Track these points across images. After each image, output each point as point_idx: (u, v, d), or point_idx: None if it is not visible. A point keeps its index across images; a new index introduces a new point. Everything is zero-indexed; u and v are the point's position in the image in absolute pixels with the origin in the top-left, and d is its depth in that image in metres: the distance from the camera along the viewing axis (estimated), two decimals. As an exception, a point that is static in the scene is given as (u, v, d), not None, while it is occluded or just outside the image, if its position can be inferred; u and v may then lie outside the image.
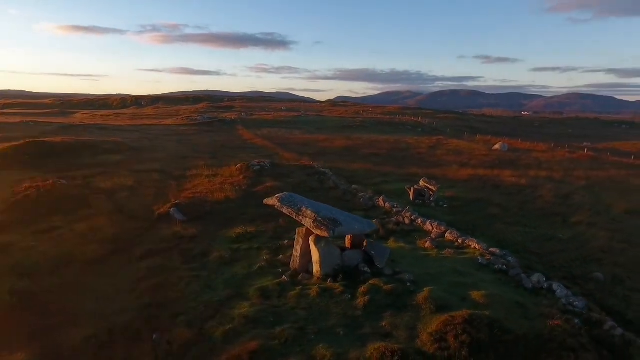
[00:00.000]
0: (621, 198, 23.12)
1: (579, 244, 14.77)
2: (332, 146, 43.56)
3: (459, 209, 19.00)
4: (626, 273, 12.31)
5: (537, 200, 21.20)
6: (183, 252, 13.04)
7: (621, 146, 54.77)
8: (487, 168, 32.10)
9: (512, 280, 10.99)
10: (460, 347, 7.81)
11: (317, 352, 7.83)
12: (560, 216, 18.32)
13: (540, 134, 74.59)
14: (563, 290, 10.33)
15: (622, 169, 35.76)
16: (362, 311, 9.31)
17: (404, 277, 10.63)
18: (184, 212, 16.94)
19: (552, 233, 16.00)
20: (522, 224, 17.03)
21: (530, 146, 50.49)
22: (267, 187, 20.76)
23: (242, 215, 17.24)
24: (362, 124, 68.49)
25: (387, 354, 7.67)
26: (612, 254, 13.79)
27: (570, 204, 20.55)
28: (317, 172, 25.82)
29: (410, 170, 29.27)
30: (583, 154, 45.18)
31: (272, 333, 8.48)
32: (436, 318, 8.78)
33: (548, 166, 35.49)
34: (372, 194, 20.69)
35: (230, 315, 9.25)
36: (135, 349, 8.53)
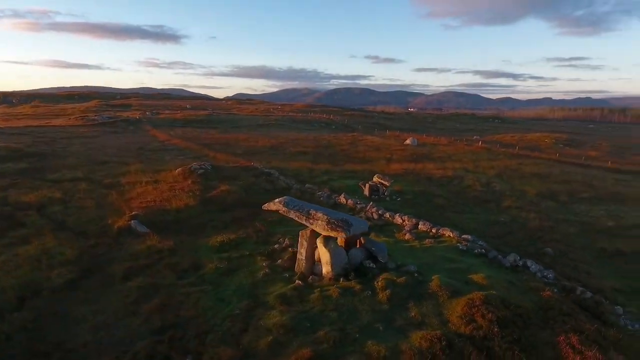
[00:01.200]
0: (526, 184, 27.38)
1: (519, 225, 17.32)
2: (258, 145, 43.06)
3: (411, 201, 20.64)
4: (565, 247, 14.91)
5: (467, 189, 24.01)
6: (170, 267, 12.05)
7: (502, 138, 63.93)
8: (411, 162, 35.05)
9: (493, 262, 12.57)
10: (489, 324, 8.81)
11: (371, 349, 8.13)
12: (493, 202, 21.12)
13: (434, 129, 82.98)
14: (535, 265, 12.19)
15: (513, 158, 42.00)
16: (387, 305, 9.82)
17: (409, 268, 11.43)
18: (145, 223, 15.50)
19: (495, 218, 18.44)
20: (467, 212, 19.24)
21: (435, 140, 56.12)
22: (222, 192, 19.96)
23: (211, 222, 16.43)
24: (277, 122, 68.56)
25: (434, 340, 8.32)
26: (547, 232, 16.51)
27: (493, 191, 23.73)
28: (262, 172, 25.48)
29: (346, 166, 30.57)
30: (478, 146, 51.75)
31: (317, 338, 8.53)
32: (456, 302, 9.72)
33: (457, 158, 40.01)
34: (329, 192, 21.27)
35: (264, 326, 8.99)
36: (173, 376, 7.84)
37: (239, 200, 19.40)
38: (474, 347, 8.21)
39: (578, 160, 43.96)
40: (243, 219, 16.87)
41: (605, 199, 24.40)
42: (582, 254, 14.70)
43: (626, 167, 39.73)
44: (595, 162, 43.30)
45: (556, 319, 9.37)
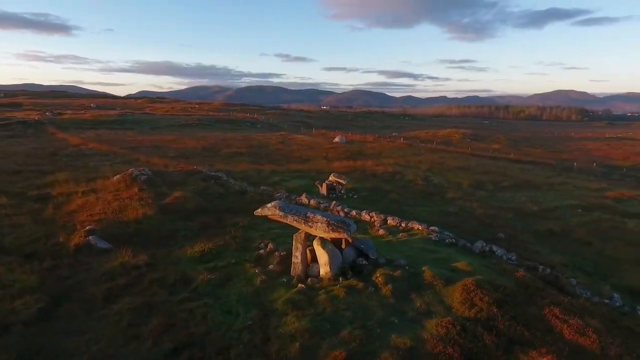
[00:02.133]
0: (456, 176, 30.22)
1: (467, 214, 19.21)
2: (189, 147, 41.16)
3: (367, 198, 21.58)
4: (511, 231, 16.97)
5: (411, 184, 25.79)
6: (156, 284, 11.18)
7: (418, 135, 69.23)
8: (348, 159, 36.36)
9: (465, 249, 13.88)
10: (489, 306, 9.85)
11: (397, 342, 8.58)
12: (437, 195, 23.02)
13: (355, 127, 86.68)
14: (500, 250, 13.75)
15: (435, 153, 45.86)
16: (393, 299, 10.36)
17: (400, 262, 12.12)
18: (105, 238, 14.07)
19: (445, 209, 20.17)
20: (419, 205, 20.75)
21: (361, 138, 58.69)
22: (177, 199, 18.84)
23: (177, 232, 15.47)
24: (200, 122, 65.77)
25: (449, 326, 9.07)
26: (492, 219, 18.59)
27: (434, 185, 25.84)
28: (210, 176, 24.49)
29: (290, 166, 30.74)
30: (400, 142, 55.42)
31: (343, 338, 8.74)
32: (452, 289, 10.64)
33: (387, 154, 42.47)
34: (286, 192, 21.27)
35: (286, 333, 8.93)
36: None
37: (199, 206, 18.50)
38: (483, 328, 9.12)
39: (486, 153, 49.50)
40: (211, 226, 16.20)
41: (521, 187, 28.05)
42: (526, 236, 16.90)
43: (526, 158, 45.88)
44: (500, 154, 49.19)
45: (535, 295, 10.78)
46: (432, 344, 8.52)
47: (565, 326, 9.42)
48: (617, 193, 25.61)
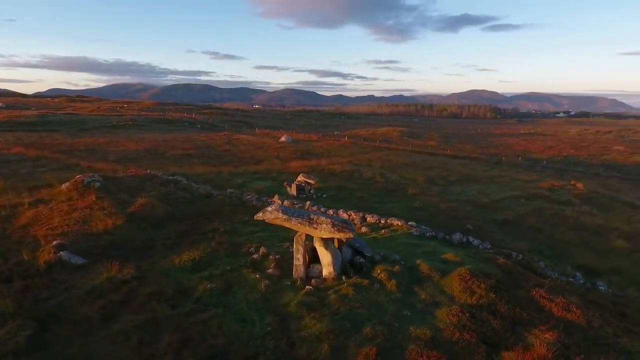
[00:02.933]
0: (408, 172, 31.83)
1: (433, 208, 20.43)
2: (129, 150, 38.66)
3: (335, 196, 21.98)
4: (475, 222, 18.39)
5: (371, 181, 26.69)
6: (153, 298, 10.48)
7: (359, 133, 71.43)
8: (302, 159, 36.62)
9: (445, 242, 14.83)
10: (486, 292, 10.72)
11: (418, 333, 9.04)
12: (399, 191, 24.12)
13: (296, 125, 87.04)
14: (476, 241, 14.90)
15: (380, 150, 47.72)
16: (399, 293, 10.83)
17: (394, 258, 12.65)
18: (77, 252, 12.85)
19: (410, 204, 21.24)
20: (386, 201, 21.61)
21: (306, 137, 59.14)
22: (143, 206, 17.69)
23: (153, 241, 14.57)
24: (134, 123, 61.70)
25: (459, 314, 9.75)
26: (456, 212, 19.98)
27: (392, 181, 26.99)
28: (168, 180, 23.28)
29: (248, 168, 30.23)
30: (345, 141, 56.80)
31: (367, 335, 8.98)
32: (449, 280, 11.39)
33: (337, 153, 43.40)
34: (256, 195, 20.93)
35: (309, 335, 8.95)
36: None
37: (168, 213, 17.56)
38: (487, 313, 9.94)
39: (425, 149, 52.60)
40: (189, 233, 15.51)
41: (466, 181, 30.36)
42: (488, 226, 18.43)
43: (461, 154, 49.53)
44: (437, 150, 52.54)
45: (520, 279, 11.93)
46: (449, 332, 9.11)
47: (553, 305, 10.58)
48: (549, 183, 28.84)
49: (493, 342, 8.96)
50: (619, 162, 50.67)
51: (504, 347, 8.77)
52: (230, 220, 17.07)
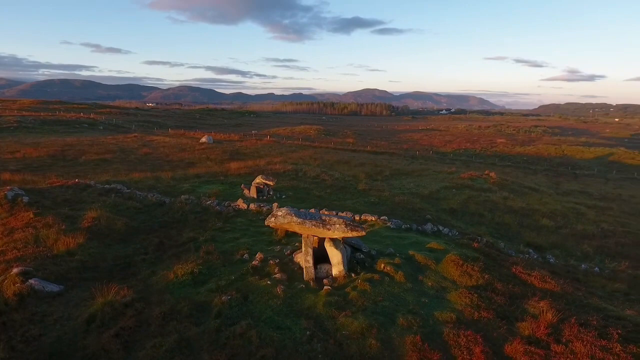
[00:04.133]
0: (346, 169, 33.10)
1: (392, 203, 21.78)
2: (31, 156, 33.77)
3: (294, 197, 22.05)
4: (433, 213, 20.16)
5: (318, 179, 27.23)
6: (169, 319, 9.68)
7: (277, 132, 71.46)
8: (237, 160, 35.73)
9: (421, 232, 16.08)
10: (480, 274, 12.09)
11: (445, 317, 9.91)
12: (349, 188, 25.12)
13: (208, 125, 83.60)
14: (445, 229, 16.45)
15: (306, 149, 48.59)
16: (410, 283, 11.62)
17: (389, 251, 13.43)
18: (47, 279, 11.12)
19: (367, 200, 22.34)
20: (342, 198, 22.39)
21: (226, 137, 57.35)
22: (95, 220, 15.82)
23: (129, 258, 13.22)
24: (19, 125, 53.27)
25: (469, 295, 10.89)
26: (410, 204, 21.59)
27: (338, 179, 27.91)
28: (106, 190, 21.02)
29: (188, 171, 28.59)
30: (268, 140, 56.51)
31: (403, 325, 9.54)
32: (445, 266, 12.56)
33: (266, 152, 43.14)
34: (215, 199, 20.02)
35: (352, 333, 9.21)
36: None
37: (129, 226, 15.97)
38: (489, 292, 11.27)
39: (347, 146, 54.94)
40: (166, 245, 14.36)
41: (399, 174, 32.77)
42: (441, 215, 20.36)
43: (380, 150, 52.88)
44: (358, 147, 55.28)
45: (496, 259, 13.63)
46: (469, 312, 10.16)
47: (532, 278, 12.37)
48: (468, 174, 32.62)
49: (504, 315, 10.24)
50: (506, 153, 59.12)
51: (515, 319, 10.10)
52: (203, 228, 16.19)
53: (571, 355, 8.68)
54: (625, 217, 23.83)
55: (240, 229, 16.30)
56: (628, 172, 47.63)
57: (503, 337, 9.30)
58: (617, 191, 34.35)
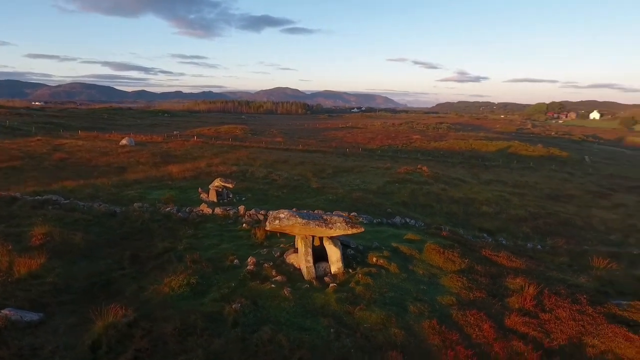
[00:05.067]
0: (290, 168, 33.27)
1: (350, 199, 22.51)
2: None
3: (254, 198, 21.66)
4: (390, 206, 21.31)
5: (269, 179, 27.00)
6: (185, 334, 9.16)
7: (202, 132, 68.45)
8: (172, 163, 33.81)
9: (392, 225, 17.01)
10: (460, 259, 13.32)
11: (447, 301, 10.84)
12: (302, 187, 25.35)
13: (121, 125, 76.92)
14: (412, 221, 17.63)
15: (240, 149, 47.60)
16: (404, 273, 12.35)
17: (374, 245, 14.09)
18: (20, 307, 9.69)
19: (325, 197, 22.81)
20: (303, 198, 22.60)
21: (148, 139, 53.50)
22: (47, 236, 13.96)
23: (103, 275, 12.00)
24: None
25: (460, 279, 12.01)
26: (367, 199, 22.56)
27: (288, 178, 27.94)
28: (42, 201, 18.55)
29: (126, 177, 26.37)
30: (196, 141, 54.08)
31: (414, 312, 10.26)
32: (428, 254, 13.62)
33: (199, 154, 41.46)
34: (175, 206, 18.84)
35: (374, 326, 9.61)
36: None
37: (88, 241, 14.39)
38: (473, 274, 12.52)
39: (278, 146, 54.89)
40: (142, 258, 13.29)
41: (341, 172, 33.86)
42: (397, 207, 21.68)
43: (312, 148, 53.76)
44: (290, 146, 55.56)
45: (469, 245, 15.07)
46: (465, 294, 11.24)
47: (500, 259, 13.98)
48: (404, 169, 34.90)
49: (494, 294, 11.51)
50: (424, 148, 64.16)
51: (503, 296, 11.41)
52: (174, 237, 15.26)
53: (557, 321, 10.13)
54: (540, 200, 27.76)
55: (215, 234, 15.70)
56: (525, 162, 55.08)
57: (500, 313, 10.48)
58: (524, 179, 39.68)
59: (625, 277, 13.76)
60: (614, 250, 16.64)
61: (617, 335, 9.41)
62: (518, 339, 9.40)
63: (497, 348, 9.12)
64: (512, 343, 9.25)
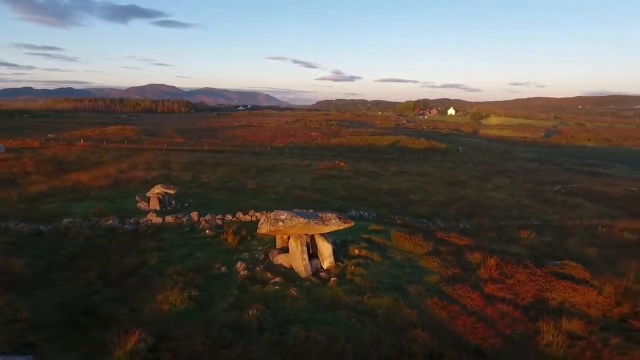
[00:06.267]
0: (211, 171, 32.05)
1: (293, 197, 22.84)
2: None
3: (196, 203, 20.51)
4: (335, 201, 22.30)
5: (199, 182, 25.75)
6: (216, 346, 8.79)
7: (85, 134, 60.43)
8: (70, 172, 29.86)
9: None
10: (425, 242, 15.00)
11: (433, 279, 12.30)
12: (240, 189, 24.82)
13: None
14: (365, 213, 18.91)
15: (141, 152, 43.81)
16: (387, 260, 13.48)
17: (349, 238, 14.91)
18: (5, 352, 8.09)
19: (269, 197, 22.76)
20: (247, 199, 22.19)
21: (21, 143, 45.54)
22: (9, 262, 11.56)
23: (78, 303, 10.51)
24: None
25: (434, 260, 13.60)
26: (309, 196, 23.18)
27: (220, 181, 26.99)
28: None
29: (28, 190, 22.37)
30: (83, 145, 47.94)
31: (414, 293, 11.41)
32: (397, 241, 15.06)
33: (98, 159, 37.16)
34: (115, 218, 16.88)
35: (388, 309, 10.47)
36: None
37: (34, 266, 12.27)
38: (442, 254, 14.25)
39: (182, 147, 51.87)
40: (111, 277, 11.92)
41: (266, 171, 33.82)
42: (339, 202, 22.85)
43: (220, 148, 52.00)
44: (195, 147, 52.91)
45: (422, 230, 16.89)
46: (444, 272, 12.86)
47: (452, 239, 16.09)
48: (324, 165, 36.32)
49: (465, 268, 13.35)
50: (326, 145, 67.07)
51: (471, 269, 13.32)
52: (136, 251, 13.92)
53: (520, 283, 12.32)
54: (445, 187, 31.88)
55: (180, 244, 14.75)
56: (415, 154, 61.81)
57: (477, 283, 12.29)
58: (421, 169, 44.75)
59: (540, 243, 17.07)
60: (520, 223, 20.42)
61: (566, 288, 11.91)
62: (500, 302, 11.24)
63: (489, 312, 10.80)
64: (498, 306, 11.04)
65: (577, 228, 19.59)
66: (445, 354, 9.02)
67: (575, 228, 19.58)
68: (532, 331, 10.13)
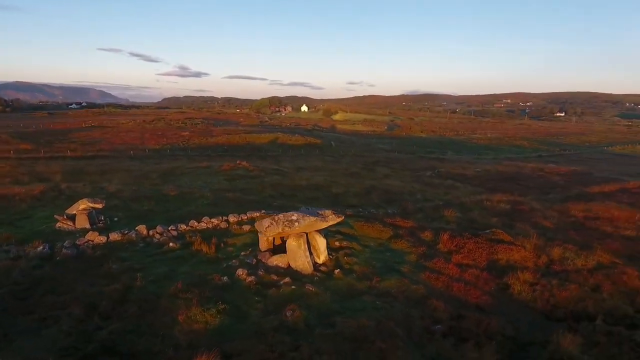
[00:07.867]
0: (96, 179, 28.36)
1: (226, 200, 22.03)
2: None
3: (132, 215, 18.23)
4: (272, 200, 22.41)
5: (110, 194, 22.54)
6: (285, 350, 8.86)
7: None
8: None
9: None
10: (384, 228, 16.84)
11: (412, 258, 14.16)
12: (161, 195, 22.70)
13: None
14: (312, 208, 19.75)
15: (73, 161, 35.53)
16: (367, 248, 14.85)
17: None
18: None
19: (201, 202, 21.53)
20: (182, 206, 20.56)
21: None
22: None
23: (90, 345, 8.96)
24: None
25: (402, 242, 15.52)
26: (242, 199, 22.73)
27: (126, 190, 24.06)
28: None
29: None
30: None
31: (406, 271, 13.09)
32: (361, 230, 16.64)
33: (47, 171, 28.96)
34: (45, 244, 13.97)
35: (396, 288, 11.85)
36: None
37: (13, 293, 9.76)
38: (403, 237, 16.26)
39: (37, 154, 43.67)
40: (104, 310, 10.30)
41: (168, 175, 31.28)
42: (274, 200, 23.14)
43: (87, 154, 45.19)
44: (54, 153, 44.95)
45: (373, 217, 18.70)
46: (416, 250, 14.94)
47: (399, 222, 18.37)
48: (227, 166, 35.15)
49: (428, 245, 15.58)
50: (205, 144, 64.33)
51: (432, 246, 15.65)
52: (103, 277, 12.10)
53: (471, 251, 15.11)
54: (345, 179, 34.64)
55: (150, 262, 13.36)
56: (297, 150, 64.24)
57: (445, 256, 14.63)
58: (312, 164, 47.14)
59: (459, 218, 20.68)
60: (434, 204, 24.14)
61: (505, 250, 15.14)
62: (470, 268, 13.74)
63: (467, 277, 13.15)
64: (470, 271, 13.49)
65: (472, 204, 24.21)
66: (463, 314, 10.87)
67: (471, 204, 24.17)
68: (502, 285, 12.79)
